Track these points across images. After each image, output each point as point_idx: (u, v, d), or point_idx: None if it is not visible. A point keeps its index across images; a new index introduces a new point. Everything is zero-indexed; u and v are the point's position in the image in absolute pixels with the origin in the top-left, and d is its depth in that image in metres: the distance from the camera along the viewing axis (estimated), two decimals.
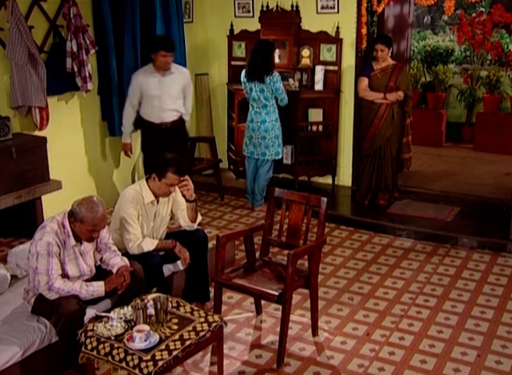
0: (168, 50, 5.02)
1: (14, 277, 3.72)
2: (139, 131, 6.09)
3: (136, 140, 6.13)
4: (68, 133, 5.34)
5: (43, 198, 4.84)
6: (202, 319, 3.03)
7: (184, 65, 6.35)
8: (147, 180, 3.79)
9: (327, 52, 6.16)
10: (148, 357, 2.71)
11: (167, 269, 3.93)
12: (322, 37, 6.13)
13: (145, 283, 3.43)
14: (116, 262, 3.39)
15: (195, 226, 4.00)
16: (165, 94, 5.16)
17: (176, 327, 2.95)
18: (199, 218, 4.01)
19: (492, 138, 7.91)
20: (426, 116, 8.31)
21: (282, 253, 4.80)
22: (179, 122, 5.36)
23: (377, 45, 5.51)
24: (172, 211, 3.97)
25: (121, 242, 3.72)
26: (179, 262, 3.95)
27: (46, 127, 4.94)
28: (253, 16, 6.45)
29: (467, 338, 3.72)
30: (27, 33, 4.55)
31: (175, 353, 2.76)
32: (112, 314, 2.97)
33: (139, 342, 2.76)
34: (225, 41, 6.68)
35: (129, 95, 5.25)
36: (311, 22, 6.15)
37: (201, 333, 2.92)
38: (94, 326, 2.95)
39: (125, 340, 2.81)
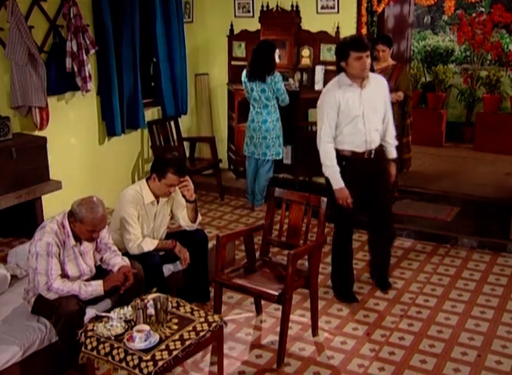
0: (361, 49, 3.78)
1: (14, 277, 3.72)
2: (138, 131, 6.13)
3: (135, 139, 6.15)
4: (68, 133, 5.34)
5: (43, 198, 4.84)
6: (202, 319, 3.03)
7: (184, 65, 6.36)
8: (147, 180, 3.79)
9: (327, 52, 6.15)
10: (148, 357, 2.71)
11: (167, 269, 3.93)
12: (322, 37, 6.13)
13: (145, 283, 3.43)
14: (117, 261, 3.39)
15: (195, 226, 4.00)
16: (369, 111, 3.89)
17: (176, 327, 2.95)
18: (199, 218, 4.01)
19: (492, 138, 7.90)
20: (426, 116, 8.30)
21: (282, 253, 4.80)
22: (382, 149, 4.09)
23: (378, 46, 5.50)
24: (172, 211, 3.98)
25: (121, 242, 3.72)
26: (178, 262, 3.95)
27: (46, 127, 4.94)
28: (253, 16, 6.44)
29: (467, 338, 3.72)
30: (27, 33, 4.55)
31: (175, 353, 2.76)
32: (112, 314, 2.97)
33: (139, 342, 2.76)
34: (225, 41, 6.68)
35: (324, 124, 3.94)
36: (311, 22, 6.14)
37: (201, 333, 2.92)
38: (94, 326, 2.95)
39: (125, 340, 2.81)
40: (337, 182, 3.94)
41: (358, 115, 3.86)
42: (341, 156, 3.96)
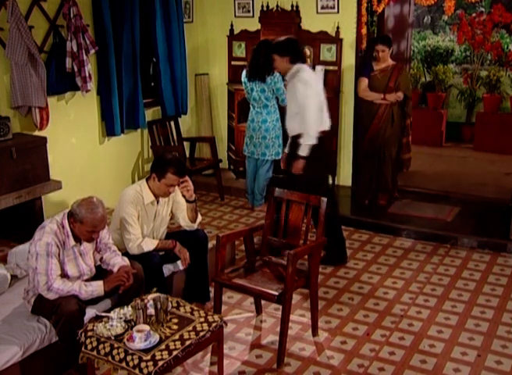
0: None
1: (14, 277, 3.72)
2: (138, 131, 6.13)
3: (135, 139, 6.15)
4: (68, 133, 5.34)
5: (43, 198, 4.84)
6: (202, 319, 3.03)
7: (184, 65, 6.36)
8: (147, 180, 3.79)
9: (327, 52, 6.15)
10: (148, 357, 2.71)
11: (167, 269, 3.93)
12: (322, 37, 6.13)
13: (145, 283, 3.43)
14: (117, 261, 3.39)
15: (195, 226, 4.00)
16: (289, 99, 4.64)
17: (176, 327, 2.95)
18: (199, 218, 4.01)
19: (492, 138, 7.91)
20: (426, 116, 8.31)
21: (282, 253, 4.79)
22: (296, 141, 4.51)
23: (377, 46, 5.49)
24: (172, 211, 3.97)
25: (121, 242, 3.72)
26: (179, 262, 3.95)
27: (46, 127, 4.94)
28: (253, 16, 6.44)
29: (467, 338, 3.72)
30: (27, 33, 4.55)
31: (175, 353, 2.76)
32: (112, 314, 2.97)
33: (139, 342, 2.76)
34: (225, 41, 6.68)
35: None
36: (311, 22, 6.15)
37: (201, 333, 2.92)
38: (94, 326, 2.94)
39: (125, 340, 2.81)
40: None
41: None
42: None
